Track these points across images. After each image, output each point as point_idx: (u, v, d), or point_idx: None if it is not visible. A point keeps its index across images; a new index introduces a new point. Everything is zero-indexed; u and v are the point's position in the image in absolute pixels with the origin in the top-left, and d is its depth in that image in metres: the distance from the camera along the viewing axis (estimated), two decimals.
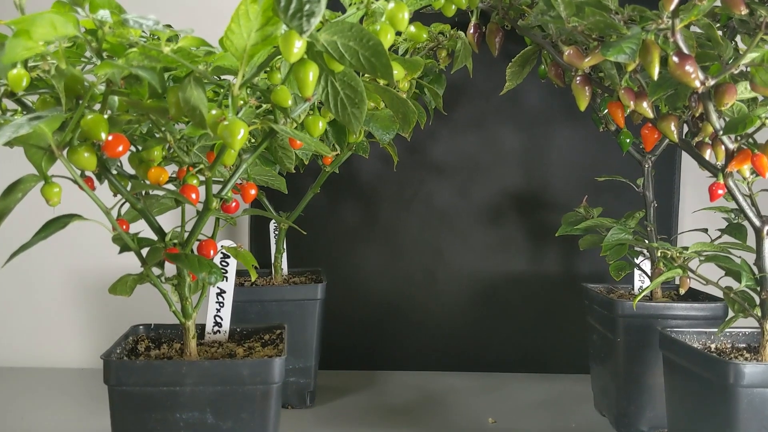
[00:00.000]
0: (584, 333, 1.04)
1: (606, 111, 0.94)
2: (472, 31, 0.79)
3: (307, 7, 0.46)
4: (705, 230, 0.94)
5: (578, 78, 0.69)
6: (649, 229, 0.95)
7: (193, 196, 0.59)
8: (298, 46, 0.48)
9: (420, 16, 1.01)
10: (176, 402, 0.60)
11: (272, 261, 1.03)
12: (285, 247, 1.05)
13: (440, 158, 1.19)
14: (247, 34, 0.52)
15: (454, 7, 0.67)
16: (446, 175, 1.19)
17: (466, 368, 1.19)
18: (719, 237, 0.92)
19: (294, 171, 0.74)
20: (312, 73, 0.53)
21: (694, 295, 0.98)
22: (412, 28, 0.73)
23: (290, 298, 0.97)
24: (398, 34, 0.78)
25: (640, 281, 0.99)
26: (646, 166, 0.95)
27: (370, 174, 1.19)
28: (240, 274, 1.06)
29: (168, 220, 0.78)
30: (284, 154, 0.71)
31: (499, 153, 1.19)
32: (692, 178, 1.20)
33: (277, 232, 1.04)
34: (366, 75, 0.74)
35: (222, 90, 0.57)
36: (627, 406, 0.92)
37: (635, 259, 0.96)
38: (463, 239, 1.20)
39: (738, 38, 0.72)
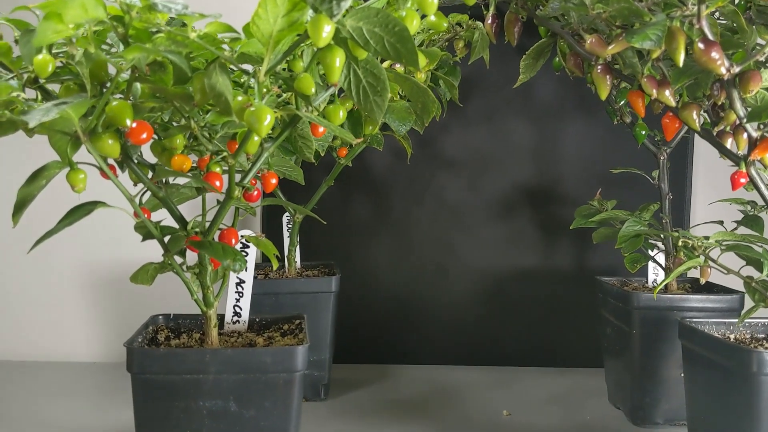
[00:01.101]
0: (596, 327, 1.04)
1: (622, 102, 0.94)
2: (489, 21, 0.79)
3: None
4: (721, 222, 0.94)
5: (599, 67, 0.68)
6: (664, 221, 0.95)
7: (217, 183, 0.59)
8: (327, 30, 0.48)
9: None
10: (199, 390, 0.59)
11: (285, 253, 1.03)
12: (298, 239, 1.05)
13: (452, 152, 1.19)
14: (273, 19, 0.52)
15: None
16: (458, 168, 1.19)
17: (478, 362, 1.19)
18: (735, 228, 0.91)
19: (313, 161, 0.74)
20: (339, 58, 0.52)
21: (709, 287, 0.98)
22: (432, 18, 0.73)
23: (304, 290, 0.97)
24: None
25: (655, 274, 0.99)
26: (662, 158, 0.95)
27: (382, 167, 1.19)
28: (257, 267, 1.06)
29: (187, 211, 0.77)
30: (304, 144, 0.71)
31: (510, 146, 1.19)
32: (704, 171, 1.20)
33: (290, 225, 1.03)
34: (385, 64, 0.74)
35: (246, 77, 0.57)
36: (642, 399, 0.92)
37: (650, 252, 0.96)
38: (474, 233, 1.20)
39: (754, 28, 0.72)
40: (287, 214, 1.05)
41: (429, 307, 1.20)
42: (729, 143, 0.68)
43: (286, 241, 1.04)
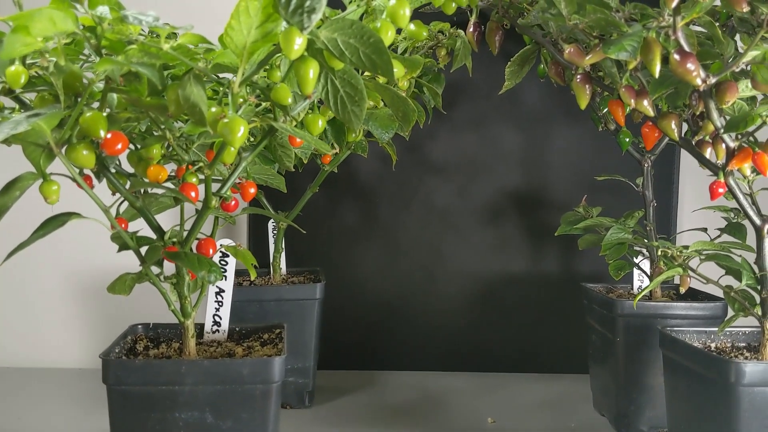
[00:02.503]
0: (584, 333, 1.04)
1: (605, 110, 0.94)
2: (471, 29, 0.79)
3: (308, 3, 0.46)
4: (704, 229, 0.94)
5: (579, 76, 0.68)
6: (648, 228, 0.95)
7: (193, 194, 0.59)
8: (299, 42, 0.48)
9: (419, 15, 1.01)
10: (175, 401, 0.59)
11: (271, 260, 1.03)
12: (284, 246, 1.05)
13: (439, 157, 1.19)
14: (247, 30, 0.52)
15: (454, 5, 0.66)
16: (445, 174, 1.19)
17: (465, 368, 1.19)
18: (719, 236, 0.92)
19: (293, 170, 0.73)
20: (312, 70, 0.52)
21: (693, 295, 0.98)
22: (412, 26, 0.73)
23: (289, 297, 0.97)
24: (398, 32, 0.78)
25: (640, 281, 0.99)
26: (646, 165, 0.95)
27: (369, 173, 1.19)
28: (239, 273, 1.06)
29: (166, 219, 0.77)
30: (284, 153, 0.71)
31: (498, 152, 1.19)
32: (691, 178, 1.20)
33: (275, 232, 1.03)
34: (366, 73, 0.74)
35: (222, 88, 0.57)
36: (627, 406, 0.92)
37: (635, 259, 0.96)
38: (462, 239, 1.20)
39: (737, 37, 0.72)
40: (272, 220, 1.05)
41: (417, 313, 1.20)
42: (708, 152, 0.68)
43: (272, 248, 1.04)
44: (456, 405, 1.02)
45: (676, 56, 0.56)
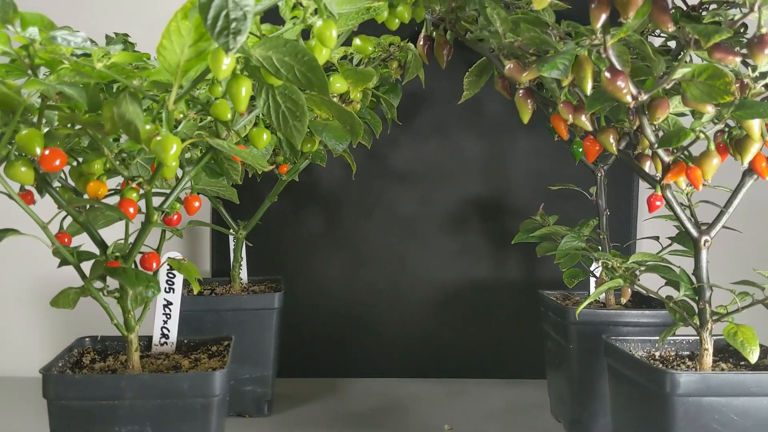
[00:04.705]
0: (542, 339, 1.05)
1: None
2: (422, 43, 0.80)
3: (234, 24, 0.47)
4: (656, 238, 0.96)
5: (521, 91, 0.70)
6: (602, 237, 0.96)
7: (131, 210, 0.59)
8: (227, 63, 0.49)
9: (382, 27, 1.01)
10: (115, 416, 0.60)
11: (230, 270, 1.03)
12: (243, 256, 1.05)
13: (402, 166, 1.20)
14: (180, 50, 0.52)
15: (397, 21, 0.67)
16: (408, 182, 1.20)
17: (427, 375, 1.20)
18: (669, 245, 0.93)
19: (240, 183, 0.74)
20: (245, 88, 0.53)
21: (648, 302, 0.99)
22: (358, 41, 0.74)
23: (247, 307, 0.97)
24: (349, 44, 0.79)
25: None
26: (599, 174, 0.96)
27: (334, 182, 1.19)
28: (203, 283, 1.06)
29: (119, 233, 0.77)
30: (230, 166, 0.72)
31: (460, 160, 1.20)
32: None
33: (235, 242, 1.04)
34: None
35: (155, 105, 0.57)
36: (581, 413, 0.93)
37: (591, 267, 0.98)
38: (425, 246, 1.21)
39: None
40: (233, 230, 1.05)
41: (380, 320, 1.20)
42: (648, 166, 0.70)
43: (232, 258, 1.04)
44: (416, 412, 1.03)
45: (607, 74, 0.57)
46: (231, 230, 1.02)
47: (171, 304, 0.72)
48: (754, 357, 0.63)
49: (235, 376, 0.97)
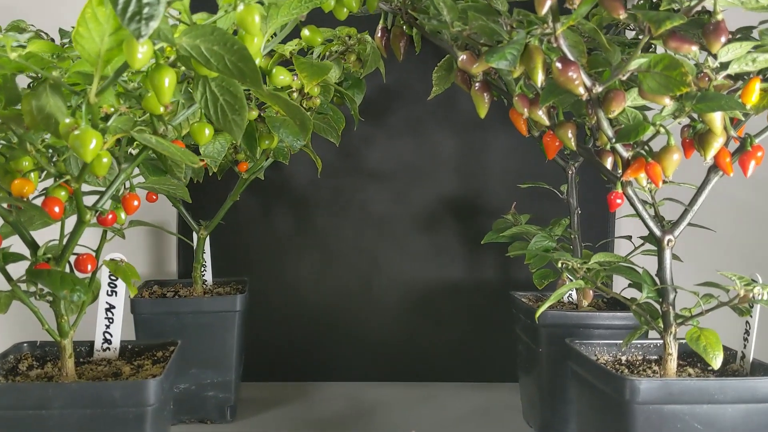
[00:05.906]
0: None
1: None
2: (379, 35, 0.77)
3: (146, 9, 0.44)
4: (629, 237, 0.93)
5: (477, 84, 0.67)
6: (573, 236, 0.93)
7: (56, 209, 0.56)
8: (142, 51, 0.45)
9: (351, 18, 0.98)
10: (44, 426, 0.57)
11: (192, 271, 1.00)
12: (208, 257, 1.02)
13: (375, 163, 1.17)
14: (99, 38, 0.49)
15: (345, 10, 0.64)
16: (381, 180, 1.17)
17: (399, 378, 1.17)
18: (642, 245, 0.90)
19: (197, 182, 0.71)
20: (168, 79, 0.50)
21: (622, 304, 0.96)
22: (306, 32, 0.71)
23: (208, 310, 0.94)
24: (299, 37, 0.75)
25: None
26: (570, 172, 0.93)
27: (305, 180, 1.16)
28: (167, 284, 1.04)
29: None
30: (174, 164, 0.68)
31: (435, 158, 1.17)
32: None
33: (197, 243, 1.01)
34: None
35: (75, 98, 0.54)
36: (551, 417, 0.90)
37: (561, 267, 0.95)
38: (398, 246, 1.18)
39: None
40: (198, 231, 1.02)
41: (350, 322, 1.17)
42: (610, 162, 0.67)
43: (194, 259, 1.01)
44: (385, 417, 1.00)
45: (558, 64, 0.54)
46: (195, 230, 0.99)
47: (113, 307, 0.69)
48: (717, 362, 0.60)
49: (196, 381, 0.94)
